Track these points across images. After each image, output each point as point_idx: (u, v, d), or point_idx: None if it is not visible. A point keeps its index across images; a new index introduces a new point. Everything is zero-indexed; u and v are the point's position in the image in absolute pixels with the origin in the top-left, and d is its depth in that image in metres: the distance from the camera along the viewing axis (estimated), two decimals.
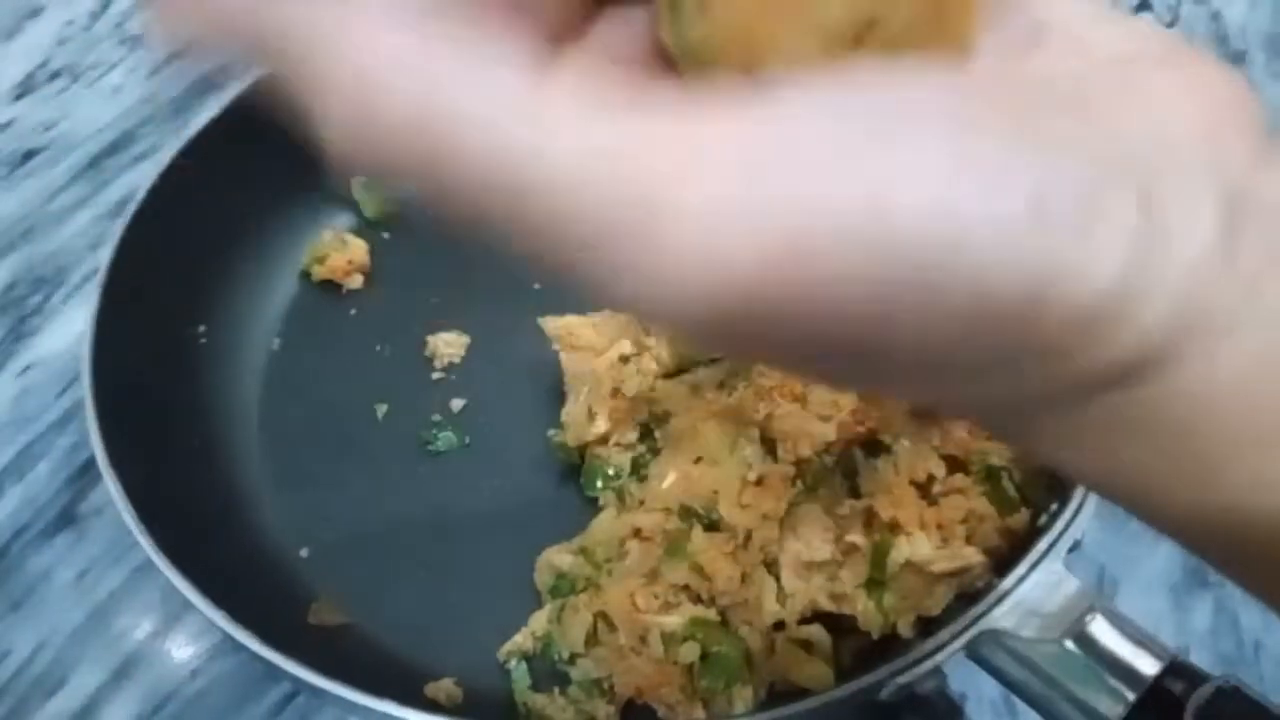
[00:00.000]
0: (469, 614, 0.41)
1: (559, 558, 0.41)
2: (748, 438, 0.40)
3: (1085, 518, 0.36)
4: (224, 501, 0.44)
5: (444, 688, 0.39)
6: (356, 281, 0.52)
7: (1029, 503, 0.38)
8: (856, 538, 0.36)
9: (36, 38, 0.68)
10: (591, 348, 0.44)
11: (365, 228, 0.53)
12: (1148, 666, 0.31)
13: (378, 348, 0.50)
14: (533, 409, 0.46)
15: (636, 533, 0.40)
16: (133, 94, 0.64)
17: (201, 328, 0.48)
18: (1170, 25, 0.66)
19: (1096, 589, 0.44)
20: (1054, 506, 0.37)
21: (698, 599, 0.38)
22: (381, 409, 0.48)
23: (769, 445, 0.39)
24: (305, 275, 0.52)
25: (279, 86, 0.16)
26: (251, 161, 0.49)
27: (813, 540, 0.37)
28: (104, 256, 0.45)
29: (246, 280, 0.51)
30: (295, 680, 0.34)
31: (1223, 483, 0.16)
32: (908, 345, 0.15)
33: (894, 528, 0.36)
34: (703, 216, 0.14)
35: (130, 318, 0.44)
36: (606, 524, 0.41)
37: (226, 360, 0.48)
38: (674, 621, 0.37)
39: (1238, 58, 0.63)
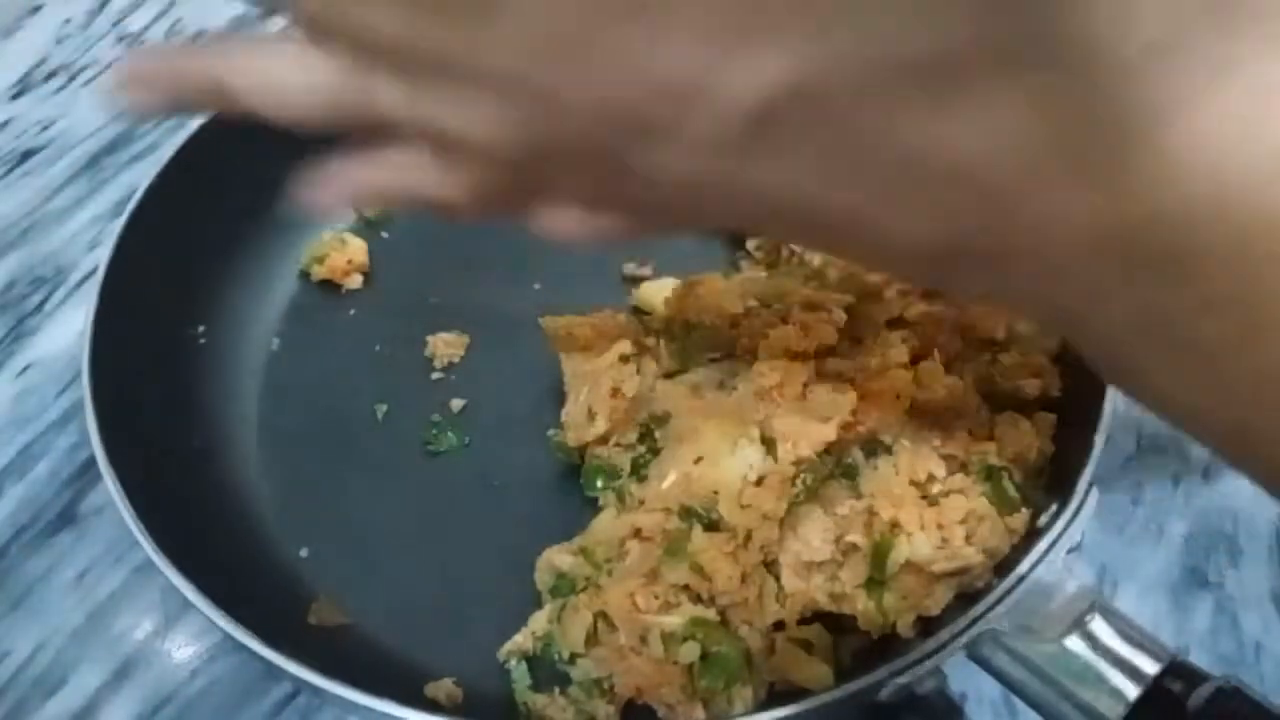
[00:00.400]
0: (469, 614, 0.41)
1: (559, 558, 0.41)
2: (748, 438, 0.40)
3: (1085, 518, 0.36)
4: (224, 501, 0.44)
5: (444, 688, 0.39)
6: (356, 281, 0.52)
7: (1029, 503, 0.38)
8: (856, 538, 0.36)
9: (34, 36, 0.67)
10: (591, 348, 0.44)
11: (365, 228, 0.53)
12: (1148, 666, 0.31)
13: (377, 348, 0.50)
14: (533, 409, 0.46)
15: (636, 533, 0.40)
16: None
17: (201, 328, 0.48)
18: None
19: (1096, 589, 0.44)
20: (1054, 506, 0.37)
21: (698, 599, 0.38)
22: (381, 409, 0.47)
23: (769, 445, 0.39)
24: (304, 275, 0.52)
25: None
26: (251, 161, 0.49)
27: (813, 540, 0.37)
28: (103, 256, 0.45)
29: (245, 280, 0.51)
30: (295, 680, 0.34)
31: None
32: None
33: (894, 528, 0.36)
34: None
35: (129, 317, 0.44)
36: (606, 524, 0.41)
37: (226, 360, 0.48)
38: (674, 621, 0.37)
39: None
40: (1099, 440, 0.37)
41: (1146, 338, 0.18)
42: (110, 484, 0.38)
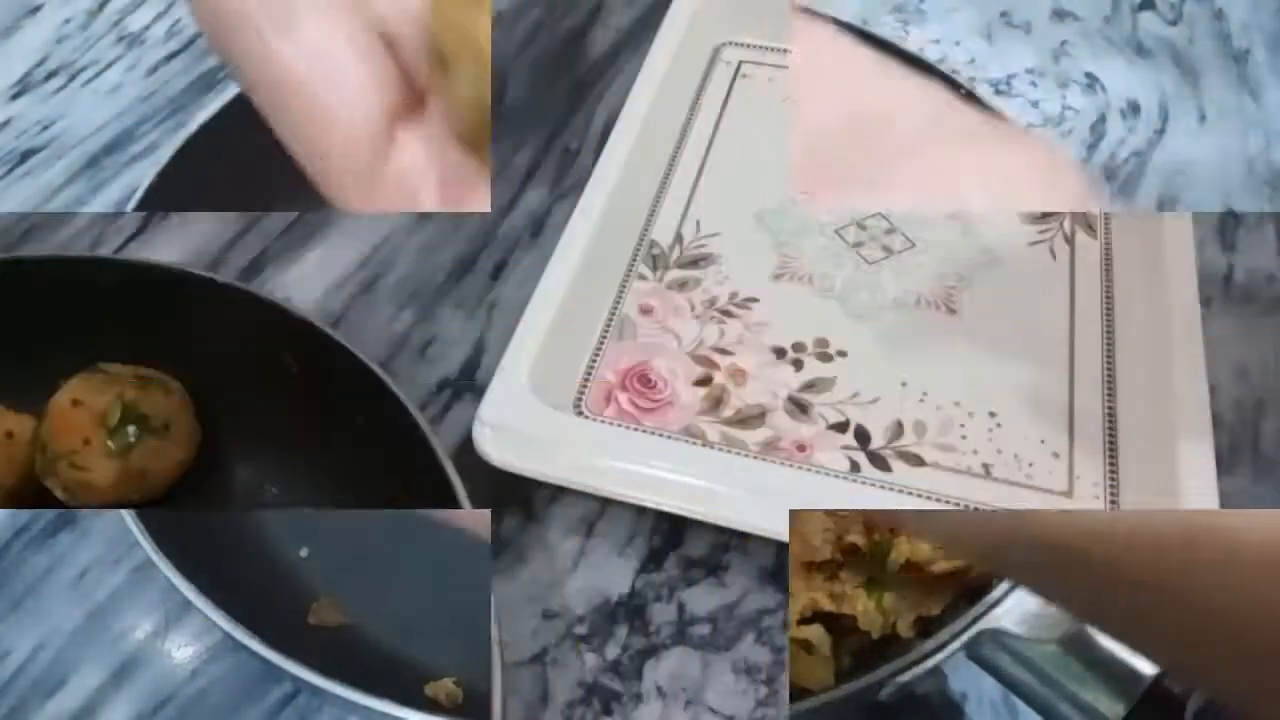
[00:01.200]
0: (469, 614, 0.41)
1: None
2: None
3: None
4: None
5: (444, 688, 0.39)
6: None
7: None
8: (856, 538, 0.36)
9: (34, 36, 0.67)
10: None
11: None
12: (1147, 666, 0.31)
13: None
14: None
15: None
16: (131, 92, 0.64)
17: None
18: (1173, 24, 0.66)
19: None
20: None
21: None
22: None
23: None
24: None
25: None
26: (250, 161, 0.49)
27: (813, 540, 0.37)
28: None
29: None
30: (295, 680, 0.34)
31: None
32: None
33: (894, 528, 0.36)
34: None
35: None
36: None
37: None
38: None
39: (1240, 56, 0.63)
40: None
41: None
42: None
